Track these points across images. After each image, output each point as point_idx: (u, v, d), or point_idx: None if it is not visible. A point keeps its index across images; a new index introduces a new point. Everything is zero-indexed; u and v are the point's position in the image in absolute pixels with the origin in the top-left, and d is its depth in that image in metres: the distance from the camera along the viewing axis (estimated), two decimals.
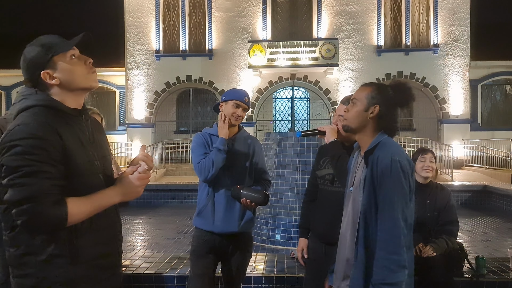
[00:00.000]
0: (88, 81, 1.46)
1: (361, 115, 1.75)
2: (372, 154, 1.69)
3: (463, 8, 14.74)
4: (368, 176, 1.67)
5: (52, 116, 1.36)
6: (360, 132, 1.78)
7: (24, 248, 1.34)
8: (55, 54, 1.41)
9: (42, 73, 1.39)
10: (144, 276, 3.20)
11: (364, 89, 1.78)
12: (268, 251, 4.39)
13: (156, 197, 8.84)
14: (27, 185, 1.25)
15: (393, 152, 1.65)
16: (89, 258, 1.40)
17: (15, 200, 1.25)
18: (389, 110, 1.74)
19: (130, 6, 15.33)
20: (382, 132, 1.75)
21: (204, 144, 2.45)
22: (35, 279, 1.33)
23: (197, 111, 16.71)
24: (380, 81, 14.94)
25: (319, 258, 2.33)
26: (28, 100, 1.39)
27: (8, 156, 1.26)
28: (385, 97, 1.74)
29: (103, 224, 1.46)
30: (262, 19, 15.12)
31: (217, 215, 2.39)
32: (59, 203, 1.28)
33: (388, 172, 1.61)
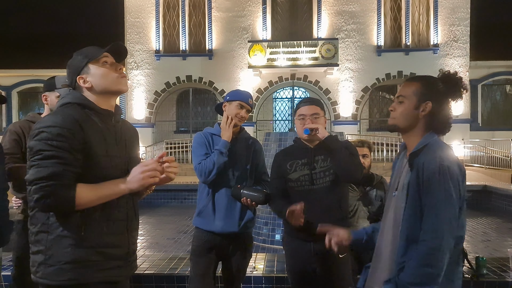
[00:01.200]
0: (117, 85, 1.64)
1: (410, 114, 1.59)
2: (418, 157, 1.54)
3: (463, 8, 14.74)
4: (413, 181, 1.52)
5: (81, 112, 1.55)
6: (408, 131, 1.62)
7: (40, 226, 1.50)
8: (89, 61, 1.60)
9: (77, 78, 1.61)
10: (144, 276, 3.20)
11: (411, 85, 1.63)
12: (268, 251, 4.40)
13: (156, 197, 8.84)
14: (44, 167, 1.42)
15: (442, 157, 1.49)
16: (95, 245, 1.51)
17: (32, 178, 1.42)
18: (442, 106, 1.59)
19: (130, 6, 15.34)
20: (431, 132, 1.59)
21: (205, 144, 2.44)
22: (44, 256, 1.48)
23: (197, 111, 16.71)
24: (380, 81, 14.97)
25: (306, 258, 2.28)
26: (65, 98, 1.61)
27: (34, 141, 1.45)
28: (436, 91, 1.58)
29: (115, 216, 1.57)
30: (262, 19, 15.12)
31: (217, 215, 2.40)
32: (69, 187, 1.43)
33: (435, 179, 1.46)
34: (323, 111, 2.34)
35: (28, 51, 16.47)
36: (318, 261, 2.25)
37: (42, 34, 18.82)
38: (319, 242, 2.20)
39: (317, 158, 2.28)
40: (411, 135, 1.62)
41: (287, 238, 2.41)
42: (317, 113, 2.27)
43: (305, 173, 2.27)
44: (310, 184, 2.26)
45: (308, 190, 2.27)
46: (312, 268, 2.29)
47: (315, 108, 2.29)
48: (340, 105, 15.04)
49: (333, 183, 2.25)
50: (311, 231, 2.20)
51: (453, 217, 1.46)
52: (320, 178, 2.26)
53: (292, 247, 2.35)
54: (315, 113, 2.27)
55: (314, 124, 2.23)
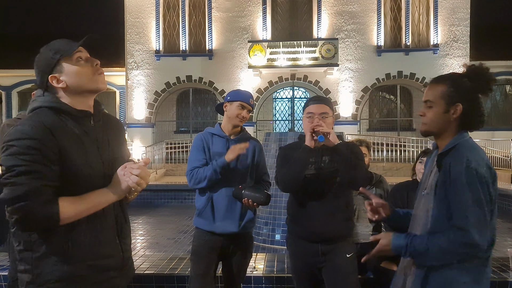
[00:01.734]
0: (94, 83, 1.47)
1: (441, 118, 1.55)
2: (446, 157, 1.51)
3: (463, 8, 14.74)
4: (441, 182, 1.49)
5: (53, 117, 1.39)
6: (441, 134, 1.59)
7: (23, 244, 1.38)
8: (61, 57, 1.42)
9: (49, 78, 1.42)
10: (144, 276, 3.20)
11: (436, 87, 1.57)
12: (268, 251, 4.40)
13: (156, 197, 8.84)
14: (19, 184, 1.28)
15: (469, 158, 1.44)
16: (85, 258, 1.40)
17: (7, 198, 1.29)
18: (473, 104, 1.53)
19: (130, 6, 15.33)
20: (462, 132, 1.56)
21: (202, 148, 2.44)
22: (31, 275, 1.36)
23: (197, 111, 16.71)
24: (380, 81, 14.96)
25: (313, 259, 2.26)
26: (36, 102, 1.43)
27: (4, 156, 1.31)
28: (464, 91, 1.52)
29: (103, 225, 1.45)
30: (262, 19, 15.12)
31: (218, 216, 2.40)
32: (51, 203, 1.30)
33: (462, 181, 1.42)
34: (332, 111, 2.29)
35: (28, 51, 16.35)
36: (325, 260, 2.22)
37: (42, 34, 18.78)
38: (325, 242, 2.21)
39: (324, 159, 2.24)
40: (444, 137, 1.59)
41: (291, 238, 2.37)
42: (326, 112, 2.22)
43: (311, 173, 2.23)
44: (316, 184, 2.22)
45: (314, 189, 2.23)
46: (318, 268, 2.26)
47: (324, 107, 2.23)
48: (340, 105, 15.04)
49: (340, 184, 2.22)
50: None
51: (483, 219, 1.41)
52: (327, 179, 2.22)
53: (297, 247, 2.31)
54: (323, 112, 2.21)
55: (326, 129, 2.14)
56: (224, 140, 2.47)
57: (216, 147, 2.44)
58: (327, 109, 2.23)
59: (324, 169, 2.23)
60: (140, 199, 8.61)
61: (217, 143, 2.46)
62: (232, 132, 2.49)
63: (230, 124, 2.47)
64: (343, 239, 2.24)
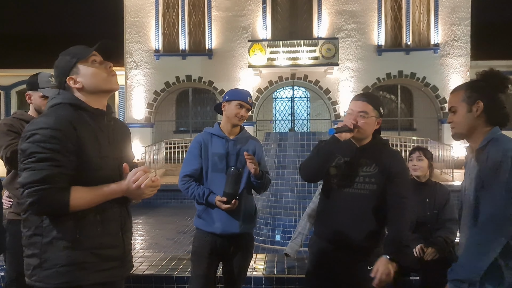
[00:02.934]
0: (108, 84, 1.62)
1: (467, 118, 1.67)
2: (484, 151, 1.60)
3: (464, 8, 14.72)
4: (478, 174, 1.58)
5: (73, 112, 1.53)
6: (471, 134, 1.69)
7: (33, 229, 1.48)
8: (77, 61, 1.57)
9: (67, 79, 1.57)
10: (144, 276, 3.19)
11: (456, 94, 1.72)
12: (268, 251, 4.38)
13: (156, 197, 8.81)
14: (38, 170, 1.39)
15: (507, 148, 1.53)
16: (91, 246, 1.50)
17: (26, 182, 1.40)
18: (493, 99, 1.65)
19: (129, 6, 15.31)
20: (495, 128, 1.65)
21: (199, 153, 2.43)
22: (39, 259, 1.46)
23: (197, 111, 16.69)
24: (381, 81, 14.95)
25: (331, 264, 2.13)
26: (56, 99, 1.58)
27: (27, 143, 1.42)
28: (481, 90, 1.66)
29: (109, 217, 1.56)
30: (262, 18, 15.10)
31: (218, 216, 2.38)
32: (63, 190, 1.41)
33: (498, 167, 1.50)
34: (377, 111, 2.08)
35: (27, 51, 16.44)
36: (343, 267, 2.10)
37: (42, 34, 18.80)
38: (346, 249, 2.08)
39: (362, 161, 2.09)
40: (474, 137, 1.68)
41: (313, 238, 2.26)
42: (365, 111, 2.04)
43: (345, 173, 2.10)
44: (348, 186, 2.08)
45: (343, 191, 2.09)
46: (335, 273, 2.14)
47: (365, 105, 2.05)
48: (340, 105, 15.01)
49: (373, 192, 2.06)
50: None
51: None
52: (360, 183, 2.07)
53: (318, 248, 2.20)
54: (363, 110, 2.04)
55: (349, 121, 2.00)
56: (224, 140, 2.45)
57: (215, 148, 2.43)
58: (369, 108, 2.05)
59: (359, 172, 2.07)
60: None
61: (217, 143, 2.44)
62: (232, 132, 2.48)
63: (229, 123, 2.45)
64: (367, 249, 2.08)
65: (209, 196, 2.36)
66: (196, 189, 2.39)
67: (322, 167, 2.06)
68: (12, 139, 2.42)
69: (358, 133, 2.05)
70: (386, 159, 2.08)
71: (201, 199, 2.37)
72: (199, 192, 2.38)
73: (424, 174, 3.05)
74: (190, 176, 2.43)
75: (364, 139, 2.11)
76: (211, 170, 2.42)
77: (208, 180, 2.43)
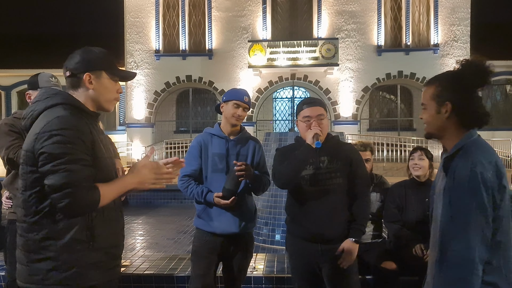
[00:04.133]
0: (108, 105, 1.63)
1: (435, 119, 1.54)
2: (453, 161, 1.45)
3: (463, 8, 14.73)
4: (447, 187, 1.44)
5: (80, 114, 1.51)
6: (442, 135, 1.56)
7: (46, 232, 1.43)
8: (107, 70, 1.58)
9: (86, 74, 1.54)
10: (144, 276, 3.19)
11: (428, 89, 1.57)
12: (268, 251, 4.39)
13: (156, 197, 8.83)
14: (70, 171, 1.36)
15: (475, 161, 1.38)
16: (104, 246, 1.53)
17: (58, 184, 1.35)
18: (465, 100, 1.48)
19: (130, 6, 15.32)
20: (470, 131, 1.49)
21: (198, 153, 2.45)
22: (55, 262, 1.43)
23: (197, 111, 16.70)
24: (381, 81, 14.95)
25: (313, 259, 2.26)
26: (53, 99, 1.51)
27: (50, 144, 1.37)
28: (453, 88, 1.50)
29: (114, 216, 1.59)
30: (262, 18, 15.11)
31: (218, 216, 2.39)
32: (94, 188, 1.42)
33: (465, 185, 1.37)
34: (327, 112, 2.32)
35: (28, 51, 16.45)
36: (326, 261, 2.23)
37: (42, 34, 18.81)
38: (325, 242, 2.22)
39: (323, 159, 2.26)
40: (446, 139, 1.55)
41: (290, 239, 2.38)
42: (322, 114, 2.24)
43: (309, 173, 2.25)
44: (315, 184, 2.23)
45: (313, 190, 2.24)
46: (318, 268, 2.27)
47: (319, 109, 2.25)
48: (340, 105, 15.03)
49: (340, 185, 2.24)
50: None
51: (486, 226, 1.37)
52: (326, 179, 2.23)
53: (297, 248, 2.32)
54: (320, 114, 2.23)
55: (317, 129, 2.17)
56: (224, 141, 2.46)
57: (215, 148, 2.44)
58: (322, 110, 2.26)
59: (323, 169, 2.24)
60: (140, 199, 8.61)
61: (217, 143, 2.45)
62: (231, 132, 2.49)
63: (228, 124, 2.47)
64: (343, 239, 2.23)
65: (207, 195, 2.37)
66: (195, 188, 2.40)
67: (298, 174, 2.21)
68: (13, 140, 2.42)
69: (321, 136, 2.20)
70: (343, 152, 2.28)
71: (200, 198, 2.39)
72: (198, 190, 2.39)
73: (424, 174, 3.07)
74: (189, 176, 2.44)
75: (322, 140, 2.26)
76: (211, 170, 2.43)
77: (208, 180, 2.44)
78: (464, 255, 1.36)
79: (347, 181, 2.25)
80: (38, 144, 1.39)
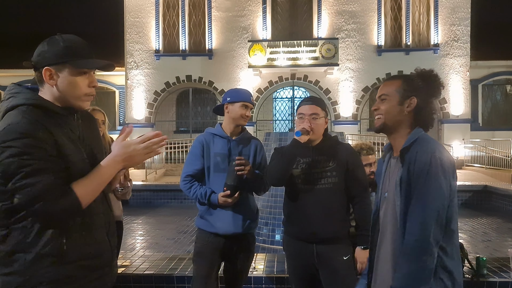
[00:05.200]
0: (78, 102, 1.44)
1: (395, 110, 1.59)
2: (409, 151, 1.53)
3: (464, 8, 14.73)
4: (405, 176, 1.51)
5: (41, 115, 1.35)
6: (395, 130, 1.62)
7: (14, 245, 1.33)
8: (69, 63, 1.39)
9: (45, 69, 1.38)
10: (144, 276, 3.19)
11: (392, 83, 1.64)
12: (268, 251, 4.39)
13: (156, 197, 8.83)
14: (32, 185, 1.26)
15: (434, 148, 1.49)
16: (77, 259, 1.39)
17: (24, 203, 1.27)
18: (426, 101, 1.59)
19: (130, 6, 15.32)
20: (418, 128, 1.59)
21: (200, 153, 2.44)
22: (22, 278, 1.32)
23: (197, 111, 16.70)
24: (381, 81, 14.95)
25: (308, 260, 2.26)
26: (16, 98, 1.38)
27: (5, 159, 1.25)
28: (418, 88, 1.59)
29: (96, 223, 1.46)
30: (262, 18, 15.11)
31: (220, 217, 2.39)
32: (67, 193, 1.31)
33: (426, 170, 1.45)
34: (324, 112, 2.31)
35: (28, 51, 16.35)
36: (321, 262, 2.24)
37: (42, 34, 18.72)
38: (321, 243, 2.22)
39: (319, 158, 2.27)
40: (397, 135, 1.62)
41: (287, 239, 2.39)
42: (316, 113, 2.24)
43: (307, 172, 2.26)
44: (310, 183, 2.25)
45: (307, 188, 2.25)
46: (314, 269, 2.27)
47: (315, 108, 2.26)
48: (340, 105, 15.03)
49: (335, 185, 2.24)
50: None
51: (442, 209, 1.45)
52: (323, 179, 2.24)
53: (294, 248, 2.33)
54: (314, 113, 2.24)
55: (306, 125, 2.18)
56: (226, 141, 2.46)
57: (217, 148, 2.44)
58: (318, 110, 2.26)
59: (318, 168, 2.25)
60: (140, 199, 8.61)
61: (219, 143, 2.45)
62: (234, 132, 2.49)
63: (233, 124, 2.46)
64: (339, 240, 2.25)
65: (211, 196, 2.36)
66: (198, 189, 2.39)
67: (287, 169, 2.22)
68: None
69: (313, 134, 2.22)
70: (341, 154, 2.28)
71: (203, 199, 2.38)
72: (201, 192, 2.38)
73: None
74: (192, 176, 2.43)
75: (317, 139, 2.28)
76: (213, 170, 2.43)
77: (210, 180, 2.44)
78: (419, 233, 1.42)
79: (344, 182, 2.26)
80: None
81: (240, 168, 2.29)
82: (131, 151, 1.44)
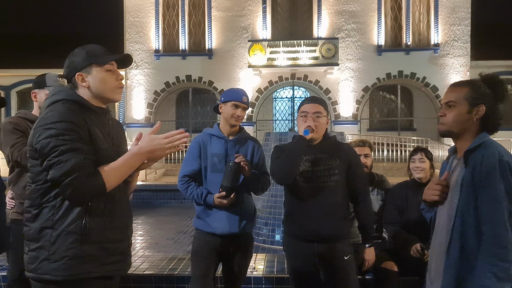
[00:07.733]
0: (113, 94, 1.67)
1: (463, 118, 1.62)
2: (474, 153, 1.57)
3: (464, 8, 14.73)
4: (468, 177, 1.55)
5: (78, 108, 1.56)
6: (461, 136, 1.65)
7: (43, 222, 1.49)
8: (94, 62, 1.61)
9: (76, 75, 1.60)
10: (144, 276, 3.19)
11: (460, 90, 1.65)
12: (268, 251, 4.39)
13: (156, 197, 8.82)
14: (64, 162, 1.43)
15: (501, 152, 1.53)
16: (99, 240, 1.53)
17: (56, 177, 1.43)
18: (493, 108, 1.63)
19: (129, 6, 15.32)
20: (484, 132, 1.62)
21: (197, 154, 2.45)
22: (48, 252, 1.48)
23: (197, 111, 16.70)
24: (381, 81, 14.96)
25: (309, 260, 2.25)
26: (58, 95, 1.58)
27: (43, 139, 1.45)
28: (486, 95, 1.62)
29: (116, 211, 1.61)
30: (262, 18, 15.10)
31: (217, 217, 2.39)
32: (94, 174, 1.47)
33: (495, 172, 1.49)
34: (326, 111, 2.33)
35: (27, 51, 16.45)
36: (322, 262, 2.23)
37: (42, 34, 18.80)
38: (322, 242, 2.21)
39: (321, 156, 2.27)
40: (464, 139, 1.65)
41: (287, 240, 2.38)
42: (319, 112, 2.26)
43: (308, 169, 2.26)
44: (312, 181, 2.25)
45: (310, 186, 2.25)
46: (315, 269, 2.27)
47: (318, 106, 2.27)
48: (340, 105, 15.03)
49: (338, 183, 2.25)
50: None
51: (508, 214, 1.47)
52: (324, 176, 2.25)
53: (294, 248, 2.32)
54: (317, 111, 2.25)
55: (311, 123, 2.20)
56: (223, 141, 2.46)
57: (214, 148, 2.44)
58: (321, 109, 2.27)
59: (321, 166, 2.25)
60: (140, 199, 8.60)
61: (216, 143, 2.45)
62: (230, 132, 2.48)
63: (227, 124, 2.46)
64: (340, 239, 2.25)
65: (207, 197, 2.37)
66: (195, 190, 2.40)
67: (295, 167, 2.20)
68: (18, 138, 2.43)
69: (316, 133, 2.23)
70: (343, 153, 2.30)
71: (200, 200, 2.38)
72: (198, 192, 2.39)
73: (426, 176, 3.04)
74: (189, 177, 2.44)
75: (319, 138, 2.31)
76: (211, 171, 2.42)
77: (207, 180, 2.44)
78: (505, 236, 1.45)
79: (346, 180, 2.28)
80: (35, 139, 1.47)
81: (241, 159, 2.30)
82: (155, 145, 1.62)
